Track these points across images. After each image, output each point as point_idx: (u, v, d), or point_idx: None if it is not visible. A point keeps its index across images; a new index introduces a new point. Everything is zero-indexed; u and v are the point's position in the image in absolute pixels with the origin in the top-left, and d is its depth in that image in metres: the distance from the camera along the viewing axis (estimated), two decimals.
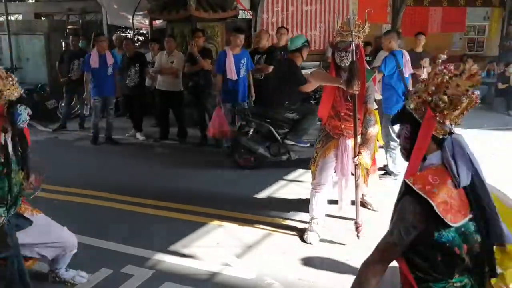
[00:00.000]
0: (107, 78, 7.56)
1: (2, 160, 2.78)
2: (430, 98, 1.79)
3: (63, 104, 9.23)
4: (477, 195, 1.73)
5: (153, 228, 4.46)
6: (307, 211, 4.35)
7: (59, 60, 9.02)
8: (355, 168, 3.97)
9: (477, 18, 12.86)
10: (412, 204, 1.72)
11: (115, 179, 5.89)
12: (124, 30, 12.10)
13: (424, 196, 1.68)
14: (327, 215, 4.42)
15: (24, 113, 2.84)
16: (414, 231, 1.72)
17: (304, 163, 5.82)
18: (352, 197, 4.19)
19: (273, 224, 4.51)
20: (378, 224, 3.93)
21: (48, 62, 10.72)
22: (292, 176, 5.98)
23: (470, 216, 1.72)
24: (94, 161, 6.81)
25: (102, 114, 7.77)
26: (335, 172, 4.23)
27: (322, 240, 4.10)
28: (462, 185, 1.71)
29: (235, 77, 6.67)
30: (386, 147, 5.82)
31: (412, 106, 1.86)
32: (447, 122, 1.79)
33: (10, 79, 2.81)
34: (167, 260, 3.81)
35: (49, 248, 3.21)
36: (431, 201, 1.67)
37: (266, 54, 7.26)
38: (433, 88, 1.80)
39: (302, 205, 4.68)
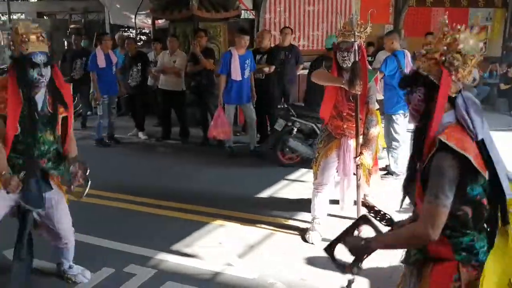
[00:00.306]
0: (111, 77, 7.56)
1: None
2: (443, 58, 1.81)
3: None
4: (487, 151, 1.77)
5: (155, 227, 4.46)
6: (309, 211, 4.35)
7: (62, 59, 9.04)
8: (357, 168, 3.97)
9: (480, 19, 12.82)
10: (448, 159, 1.73)
11: (117, 178, 5.89)
12: (126, 29, 12.10)
13: (461, 151, 1.70)
14: (329, 215, 4.43)
15: (32, 73, 2.79)
16: (455, 187, 1.73)
17: (306, 163, 5.82)
18: (354, 197, 4.20)
19: (275, 224, 4.51)
20: (378, 223, 3.92)
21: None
22: (294, 176, 5.98)
23: (487, 172, 1.76)
24: (96, 160, 6.75)
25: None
26: (337, 172, 4.23)
27: (324, 240, 4.09)
28: (480, 138, 1.75)
29: (239, 78, 6.60)
30: (388, 147, 5.82)
31: (423, 68, 1.86)
32: (461, 80, 1.82)
33: (24, 36, 2.77)
34: (169, 259, 3.81)
35: (51, 233, 3.24)
36: (468, 155, 1.70)
37: (267, 54, 7.25)
38: (445, 47, 1.82)
39: (304, 205, 4.68)
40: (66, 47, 10.81)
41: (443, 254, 1.86)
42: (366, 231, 2.11)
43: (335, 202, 4.50)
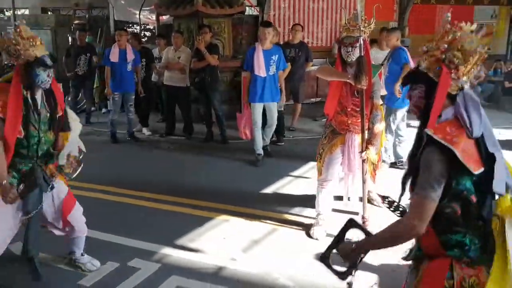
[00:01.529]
0: (126, 73, 7.38)
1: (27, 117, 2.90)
2: (443, 56, 1.82)
3: (69, 99, 9.24)
4: (486, 146, 1.77)
5: (159, 222, 4.47)
6: (313, 207, 4.35)
7: (66, 55, 9.04)
8: (362, 163, 3.97)
9: (485, 16, 12.78)
10: (435, 153, 1.74)
11: (121, 174, 5.91)
12: (131, 25, 12.11)
13: (447, 144, 1.71)
14: (334, 211, 4.42)
15: (42, 74, 2.89)
16: (443, 181, 1.74)
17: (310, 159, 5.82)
18: (359, 193, 4.19)
19: (279, 219, 4.52)
20: (384, 220, 3.91)
21: (54, 57, 10.74)
22: (298, 172, 5.97)
23: (483, 168, 1.75)
24: (99, 156, 6.80)
25: (122, 110, 7.65)
26: (341, 167, 4.22)
27: (328, 235, 4.09)
28: (475, 135, 1.75)
29: (263, 74, 6.06)
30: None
31: (424, 65, 1.87)
32: (461, 78, 1.82)
33: (31, 40, 2.85)
34: (174, 254, 3.82)
35: (61, 223, 3.30)
36: (454, 149, 1.70)
37: None
38: (445, 45, 1.82)
39: (308, 201, 4.67)
40: (70, 43, 10.81)
41: (435, 250, 1.87)
42: (357, 235, 2.11)
43: (339, 198, 4.49)
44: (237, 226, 4.38)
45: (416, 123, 1.99)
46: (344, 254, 2.02)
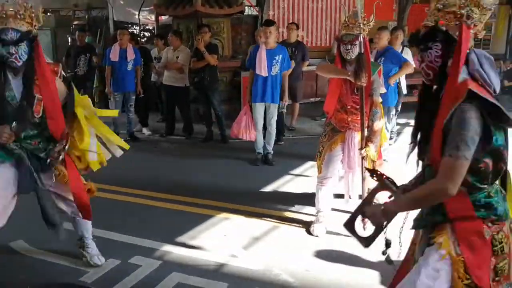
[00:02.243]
0: (126, 73, 7.36)
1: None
2: (462, 11, 1.79)
3: None
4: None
5: (160, 220, 4.48)
6: (313, 205, 4.35)
7: (65, 55, 9.03)
8: (362, 160, 3.97)
9: None
10: (473, 110, 1.71)
11: (121, 173, 5.88)
12: (130, 26, 12.10)
13: (487, 97, 1.71)
14: (333, 209, 4.42)
15: (1, 50, 2.75)
16: (477, 139, 1.71)
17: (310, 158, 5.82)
18: (359, 191, 4.20)
19: (279, 217, 4.52)
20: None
21: (54, 57, 10.75)
22: (298, 170, 5.98)
23: None
24: None
25: (122, 110, 7.59)
26: (341, 164, 4.23)
27: (328, 233, 4.11)
28: (498, 91, 1.76)
29: (264, 74, 5.96)
30: None
31: (441, 23, 1.85)
32: (478, 34, 1.83)
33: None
34: (175, 251, 3.82)
35: (67, 202, 3.24)
36: (494, 101, 1.71)
37: None
38: (464, 1, 1.80)
39: (308, 198, 4.67)
40: (70, 43, 10.82)
41: (463, 212, 1.84)
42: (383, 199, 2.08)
43: (339, 196, 4.49)
44: (237, 224, 4.38)
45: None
46: (371, 215, 1.99)
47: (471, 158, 1.71)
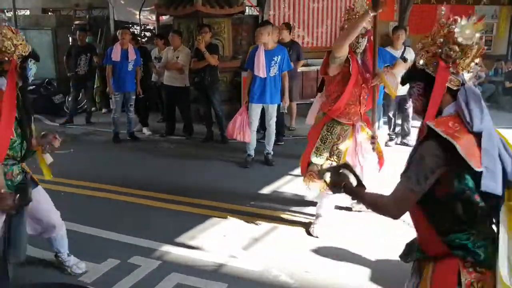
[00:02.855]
0: (127, 73, 7.36)
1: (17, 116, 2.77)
2: (440, 50, 1.80)
3: (70, 99, 9.25)
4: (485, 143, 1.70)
5: (160, 220, 4.48)
6: (313, 205, 4.35)
7: (66, 55, 9.04)
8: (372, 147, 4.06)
9: (485, 17, 12.77)
10: (433, 147, 1.71)
11: (122, 173, 5.91)
12: (131, 25, 12.10)
13: (448, 138, 1.66)
14: (333, 209, 4.42)
15: (34, 68, 2.88)
16: (432, 177, 1.70)
17: None
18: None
19: (279, 217, 4.52)
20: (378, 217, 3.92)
21: (55, 57, 10.75)
22: (298, 170, 5.93)
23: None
24: (100, 155, 6.83)
25: (122, 110, 7.60)
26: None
27: (327, 233, 4.10)
28: (476, 129, 1.69)
29: (263, 75, 5.89)
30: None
31: (422, 62, 1.85)
32: (460, 72, 1.80)
33: (20, 34, 2.80)
34: (174, 251, 3.83)
35: (34, 220, 3.15)
36: (455, 143, 1.65)
37: None
38: (441, 39, 1.81)
39: (308, 199, 4.68)
40: (71, 43, 10.82)
41: (439, 251, 1.82)
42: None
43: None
44: (237, 225, 4.38)
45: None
46: (334, 181, 2.03)
47: (421, 194, 1.73)
